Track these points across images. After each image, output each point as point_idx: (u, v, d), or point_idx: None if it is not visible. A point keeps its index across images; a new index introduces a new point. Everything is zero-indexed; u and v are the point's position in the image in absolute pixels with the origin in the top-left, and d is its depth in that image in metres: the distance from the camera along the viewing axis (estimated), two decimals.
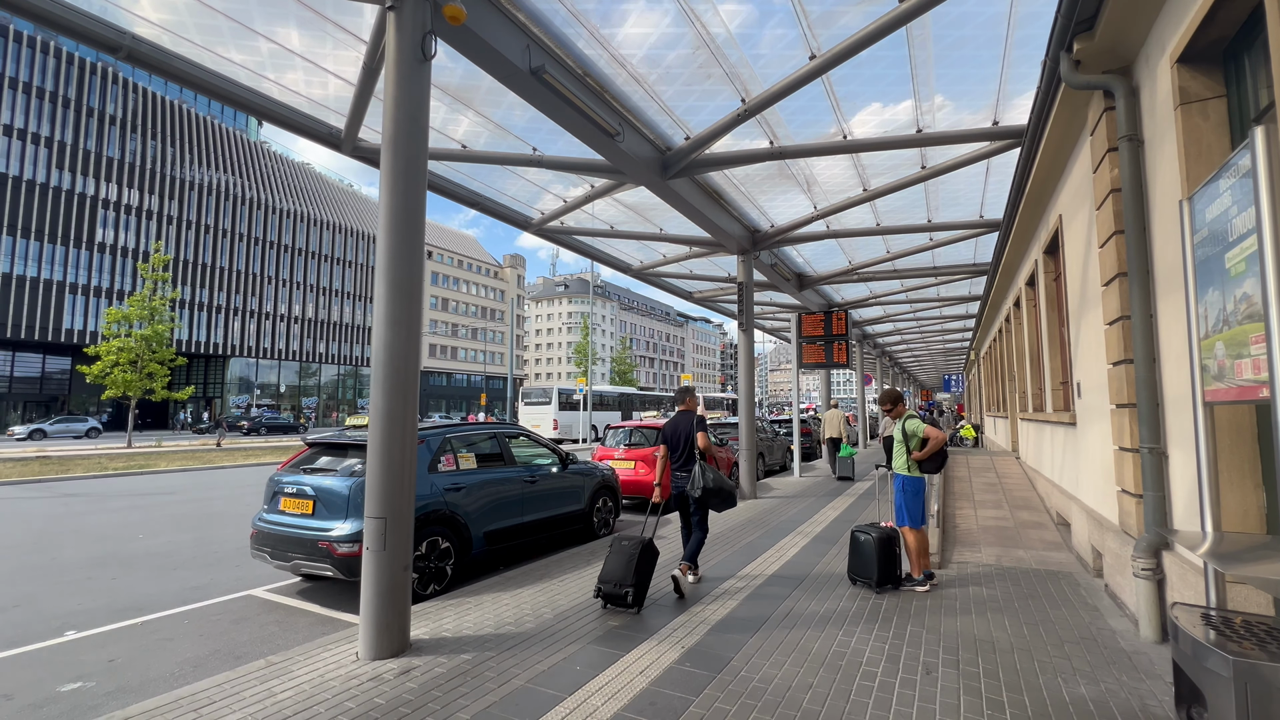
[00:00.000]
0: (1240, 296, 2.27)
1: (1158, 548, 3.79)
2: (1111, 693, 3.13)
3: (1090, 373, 5.34)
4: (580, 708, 3.05)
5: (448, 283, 71.69)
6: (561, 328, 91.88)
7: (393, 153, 4.07)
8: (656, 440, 9.96)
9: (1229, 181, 2.34)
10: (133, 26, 5.09)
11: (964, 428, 21.30)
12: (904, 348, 31.19)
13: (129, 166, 47.54)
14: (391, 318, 3.99)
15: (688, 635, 4.02)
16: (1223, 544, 2.59)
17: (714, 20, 5.13)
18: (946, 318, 20.14)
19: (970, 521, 7.67)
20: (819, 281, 13.78)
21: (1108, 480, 4.82)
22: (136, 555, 7.02)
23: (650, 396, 41.94)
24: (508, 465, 6.49)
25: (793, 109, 6.37)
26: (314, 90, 6.19)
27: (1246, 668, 1.91)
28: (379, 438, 3.88)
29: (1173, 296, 3.59)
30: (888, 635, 3.99)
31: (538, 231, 10.26)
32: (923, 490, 5.04)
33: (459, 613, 4.50)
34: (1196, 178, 3.23)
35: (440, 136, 7.07)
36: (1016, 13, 4.88)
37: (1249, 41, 3.07)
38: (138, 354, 26.56)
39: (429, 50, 4.17)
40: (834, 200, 8.86)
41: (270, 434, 40.96)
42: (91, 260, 45.25)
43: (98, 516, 9.61)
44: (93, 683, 3.75)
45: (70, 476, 14.71)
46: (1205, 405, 2.71)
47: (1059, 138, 5.43)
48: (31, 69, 42.85)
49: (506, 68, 5.15)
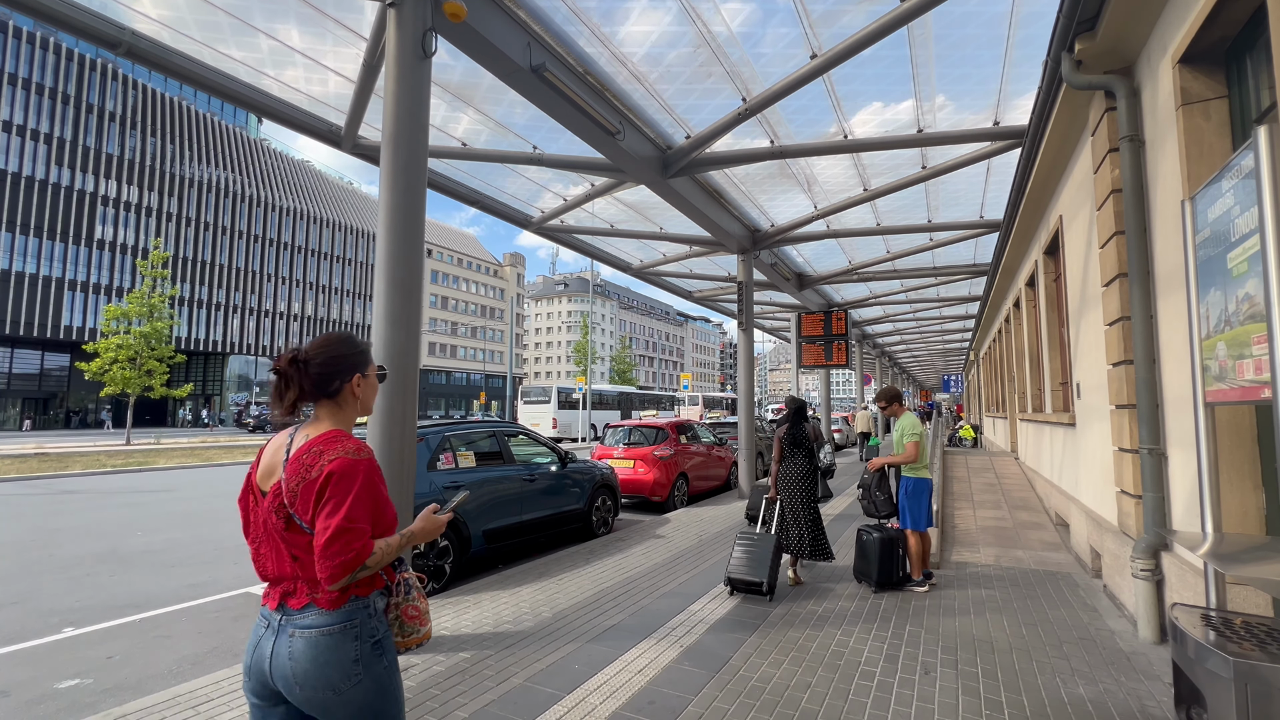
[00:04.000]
0: (1242, 297, 2.26)
1: (1157, 548, 3.79)
2: (1110, 693, 3.13)
3: (1090, 373, 5.34)
4: (579, 706, 3.04)
5: (447, 281, 71.66)
6: (561, 326, 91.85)
7: (393, 150, 4.07)
8: (656, 439, 9.97)
9: (1232, 181, 2.33)
10: (133, 23, 5.08)
11: (963, 428, 21.31)
12: (903, 348, 31.22)
13: (128, 163, 47.46)
14: (391, 315, 3.98)
15: (686, 634, 4.02)
16: (1223, 545, 2.58)
17: (715, 19, 5.12)
18: (946, 318, 20.15)
19: (969, 522, 7.67)
20: (819, 281, 13.78)
21: (1107, 481, 4.82)
22: (135, 552, 7.01)
23: (649, 396, 41.94)
24: (507, 464, 6.49)
25: (793, 108, 6.36)
26: (314, 87, 6.18)
27: (1247, 669, 1.91)
28: (378, 435, 3.88)
29: (1173, 297, 3.58)
30: (886, 635, 3.99)
31: (538, 230, 10.25)
32: (924, 492, 5.00)
33: (457, 611, 4.50)
34: (1198, 178, 3.22)
35: (440, 134, 7.06)
36: (1018, 13, 4.88)
37: (1251, 42, 3.07)
38: (137, 351, 26.52)
39: (429, 47, 4.16)
40: (834, 200, 8.86)
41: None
42: (91, 257, 45.18)
43: (96, 513, 9.60)
44: (90, 679, 3.75)
45: (69, 473, 14.70)
46: (1206, 406, 2.70)
47: (1060, 138, 5.42)
48: (31, 65, 42.77)
49: (507, 65, 5.14)
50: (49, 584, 5.77)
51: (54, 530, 8.26)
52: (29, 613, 4.98)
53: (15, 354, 43.67)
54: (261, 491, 1.57)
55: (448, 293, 71.47)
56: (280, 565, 1.54)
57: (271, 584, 1.58)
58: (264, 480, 1.58)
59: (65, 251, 43.90)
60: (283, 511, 1.49)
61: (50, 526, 8.51)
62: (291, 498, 1.48)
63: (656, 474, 9.42)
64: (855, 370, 23.08)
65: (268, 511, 1.52)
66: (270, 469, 1.57)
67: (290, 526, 1.49)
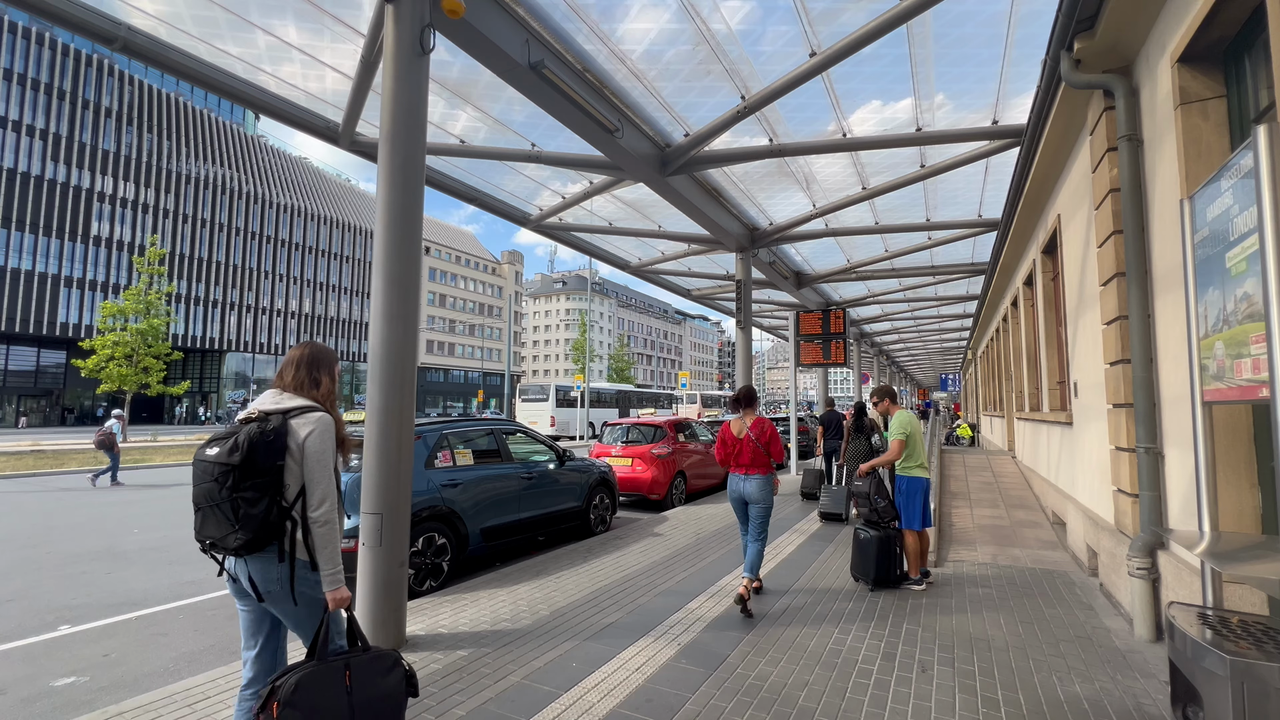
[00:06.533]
0: (1241, 296, 2.27)
1: (1153, 547, 3.80)
2: (1106, 691, 3.13)
3: (1087, 372, 5.35)
4: (577, 704, 3.04)
5: (445, 279, 71.55)
6: (559, 324, 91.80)
7: (391, 147, 4.05)
8: (654, 437, 9.97)
9: (1231, 181, 2.33)
10: (129, 18, 5.05)
11: (960, 427, 21.35)
12: (901, 346, 31.26)
13: (124, 160, 47.28)
14: (389, 313, 3.97)
15: (684, 632, 4.02)
16: (1220, 543, 2.59)
17: (714, 16, 5.11)
18: (944, 317, 20.19)
19: (966, 520, 7.69)
20: (817, 280, 13.78)
21: (1104, 480, 4.83)
22: (131, 550, 6.99)
23: (648, 394, 41.92)
24: (505, 462, 6.48)
25: (792, 106, 6.35)
26: (311, 84, 6.15)
27: (1243, 667, 1.92)
28: (376, 433, 3.87)
29: (1170, 296, 3.59)
30: (884, 633, 3.99)
31: (536, 227, 10.24)
32: (918, 491, 5.00)
33: (455, 609, 4.50)
34: (1196, 177, 3.22)
35: (439, 131, 7.05)
36: (1017, 12, 4.88)
37: (1249, 42, 3.07)
38: (133, 348, 26.44)
39: (427, 44, 4.14)
40: (833, 198, 8.86)
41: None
42: (87, 254, 45.02)
43: (92, 511, 9.57)
44: (87, 677, 3.74)
45: (64, 470, 14.66)
46: (1204, 405, 2.71)
47: (1058, 137, 5.42)
48: (26, 61, 42.54)
49: (506, 62, 5.13)
50: (45, 581, 5.76)
51: (50, 528, 8.23)
52: (25, 610, 4.97)
53: (11, 351, 43.50)
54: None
55: (446, 290, 71.37)
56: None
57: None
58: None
59: (61, 248, 43.73)
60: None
61: (46, 524, 8.48)
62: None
63: (654, 472, 9.42)
64: (853, 369, 23.09)
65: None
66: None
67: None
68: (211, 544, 2.10)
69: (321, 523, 2.12)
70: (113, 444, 12.61)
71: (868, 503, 5.12)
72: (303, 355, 2.35)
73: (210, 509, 2.06)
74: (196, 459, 2.12)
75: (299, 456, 2.13)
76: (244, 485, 2.03)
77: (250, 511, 2.03)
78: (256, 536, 2.05)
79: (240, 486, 2.03)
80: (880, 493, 5.12)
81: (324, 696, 2.01)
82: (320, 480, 2.14)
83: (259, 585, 2.12)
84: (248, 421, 2.12)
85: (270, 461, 2.07)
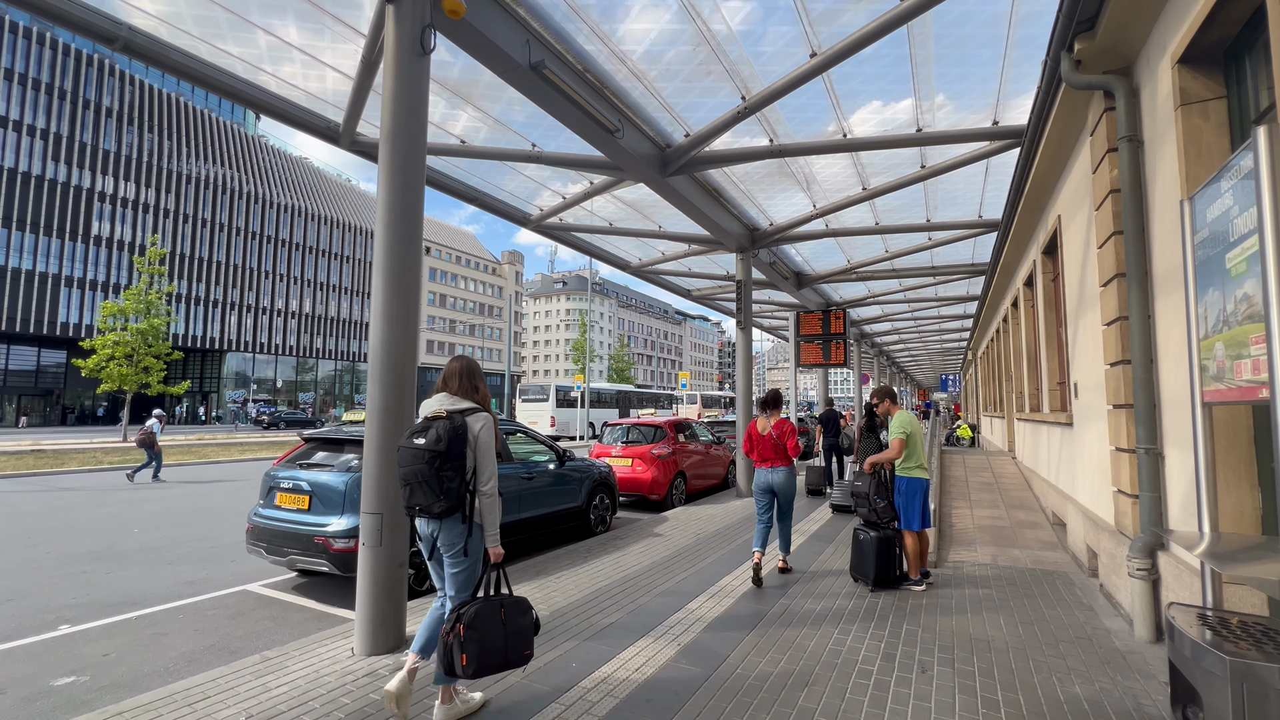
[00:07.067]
0: (1241, 297, 2.27)
1: (1153, 548, 3.80)
2: (1106, 692, 3.13)
3: (1087, 373, 5.35)
4: (576, 704, 3.04)
5: (446, 279, 71.57)
6: (559, 325, 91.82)
7: (391, 147, 4.05)
8: (654, 438, 9.96)
9: (1231, 182, 2.34)
10: (129, 18, 5.05)
11: (960, 427, 21.35)
12: (901, 347, 31.24)
13: (125, 159, 47.30)
14: (389, 313, 3.97)
15: (684, 632, 4.02)
16: (1220, 544, 2.59)
17: (715, 17, 5.11)
18: (944, 317, 20.17)
19: (966, 521, 7.69)
20: (817, 280, 13.78)
21: (1104, 480, 4.83)
22: (131, 549, 6.99)
23: (648, 394, 41.92)
24: (505, 462, 6.48)
25: (793, 107, 6.35)
26: (312, 84, 6.16)
27: (1243, 668, 1.92)
28: (376, 433, 3.87)
29: (1170, 297, 3.59)
30: (884, 634, 3.99)
31: (536, 228, 10.23)
32: (918, 492, 5.00)
33: None
34: (1196, 178, 3.22)
35: (439, 131, 7.05)
36: (1017, 12, 4.88)
37: (1250, 42, 3.07)
38: (133, 348, 26.44)
39: (428, 44, 4.14)
40: (833, 199, 8.86)
41: (289, 428, 40.72)
42: (87, 253, 45.04)
43: (92, 510, 9.58)
44: (86, 677, 3.74)
45: (65, 470, 14.66)
46: (1204, 406, 2.71)
47: (1059, 138, 5.42)
48: (27, 60, 42.57)
49: (506, 63, 5.13)
50: (45, 581, 5.76)
51: (50, 527, 8.24)
52: (25, 609, 4.97)
53: (11, 350, 43.53)
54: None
55: (446, 290, 71.38)
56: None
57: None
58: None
59: (62, 248, 43.76)
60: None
61: (47, 524, 8.48)
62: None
63: (654, 472, 9.42)
64: (853, 369, 23.08)
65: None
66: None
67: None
68: (420, 510, 2.74)
69: (488, 495, 2.84)
70: (153, 442, 13.22)
71: (867, 503, 5.12)
72: (462, 368, 3.01)
73: (419, 484, 2.71)
74: (403, 446, 2.78)
75: (474, 445, 2.82)
76: (446, 467, 2.71)
77: (450, 485, 2.73)
78: (452, 505, 2.75)
79: (444, 467, 2.71)
80: (880, 493, 5.13)
81: (490, 624, 2.73)
82: (487, 464, 2.84)
83: (441, 545, 2.86)
84: (435, 419, 2.77)
85: (461, 449, 2.77)
